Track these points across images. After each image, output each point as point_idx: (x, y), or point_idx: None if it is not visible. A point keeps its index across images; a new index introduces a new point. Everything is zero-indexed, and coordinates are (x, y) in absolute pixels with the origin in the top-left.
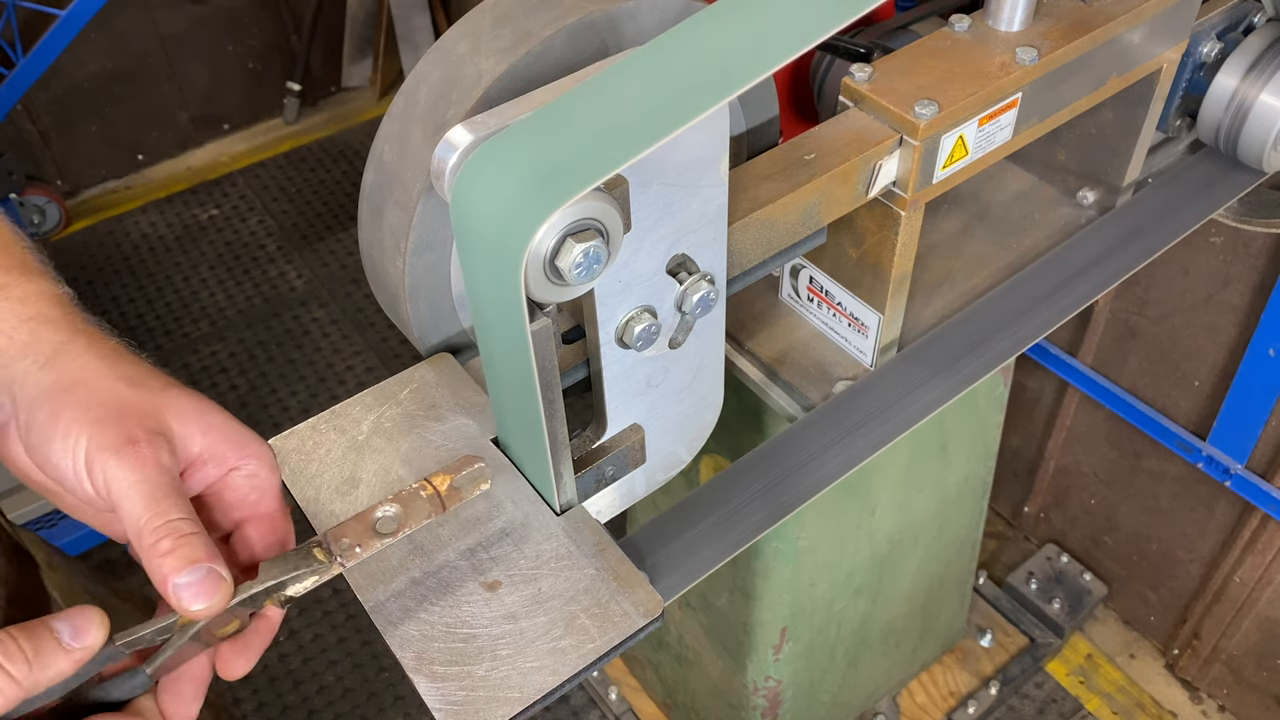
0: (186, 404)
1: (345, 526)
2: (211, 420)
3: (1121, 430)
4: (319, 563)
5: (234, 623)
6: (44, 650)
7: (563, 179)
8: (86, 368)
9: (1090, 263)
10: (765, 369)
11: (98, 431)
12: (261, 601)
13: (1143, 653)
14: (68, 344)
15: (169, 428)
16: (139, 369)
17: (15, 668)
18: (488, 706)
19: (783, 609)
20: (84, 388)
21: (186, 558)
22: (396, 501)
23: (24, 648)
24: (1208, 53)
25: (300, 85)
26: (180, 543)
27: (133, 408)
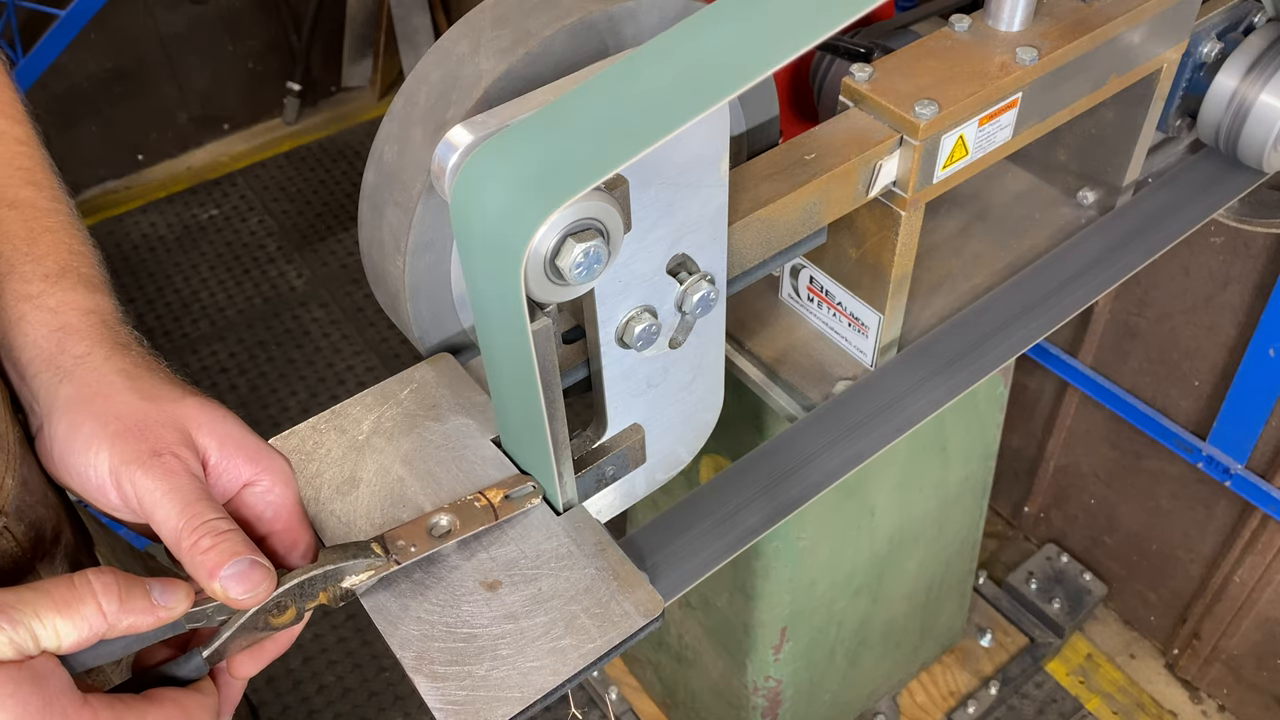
0: (203, 416)
1: (401, 529)
2: (228, 432)
3: (1121, 430)
4: (376, 556)
5: (290, 611)
6: (135, 599)
7: (563, 179)
8: (103, 380)
9: (1090, 263)
10: (765, 369)
11: (119, 445)
12: (317, 591)
13: (1143, 653)
14: (87, 356)
15: (189, 439)
16: (155, 381)
17: (107, 604)
18: (488, 706)
19: (783, 609)
20: (100, 401)
21: (228, 552)
22: (451, 511)
23: (120, 590)
24: (1208, 53)
25: (300, 85)
26: (220, 539)
27: (151, 420)
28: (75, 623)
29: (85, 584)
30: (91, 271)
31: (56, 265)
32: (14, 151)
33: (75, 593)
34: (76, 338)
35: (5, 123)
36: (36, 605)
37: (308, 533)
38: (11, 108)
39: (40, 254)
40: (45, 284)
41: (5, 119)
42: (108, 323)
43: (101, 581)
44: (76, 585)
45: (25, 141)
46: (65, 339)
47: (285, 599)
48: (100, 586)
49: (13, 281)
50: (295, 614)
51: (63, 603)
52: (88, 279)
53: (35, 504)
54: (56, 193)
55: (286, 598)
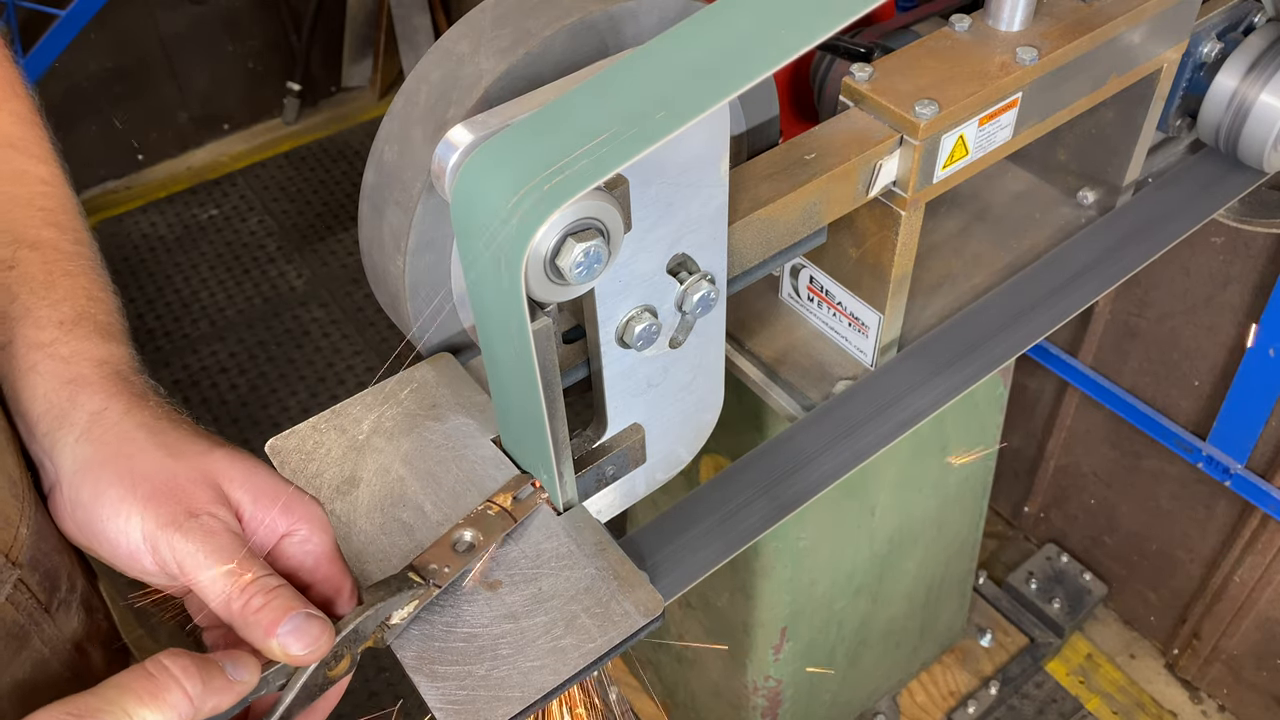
0: (233, 469)
1: (428, 554)
2: (259, 484)
3: (1121, 430)
4: (418, 584)
5: (345, 660)
6: (213, 678)
7: (563, 179)
8: (124, 437)
9: (1090, 263)
10: (765, 369)
11: (152, 508)
12: (369, 631)
13: (1143, 653)
14: (103, 412)
15: (222, 494)
16: (179, 435)
17: (191, 687)
18: (488, 706)
19: (783, 609)
20: (124, 461)
21: (281, 609)
22: (468, 525)
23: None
24: (1208, 53)
25: (300, 85)
26: (272, 595)
27: (181, 480)
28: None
29: (164, 671)
30: (109, 319)
31: (73, 311)
32: (37, 191)
33: (157, 682)
34: (90, 391)
35: (30, 162)
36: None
37: (348, 577)
38: (39, 147)
39: (57, 299)
40: (59, 331)
41: (31, 158)
42: (122, 374)
43: (180, 665)
44: (156, 674)
45: (50, 182)
46: (78, 392)
47: (341, 648)
48: (180, 671)
49: (26, 327)
50: (350, 662)
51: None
52: (104, 327)
53: (50, 552)
54: (80, 235)
55: (341, 646)
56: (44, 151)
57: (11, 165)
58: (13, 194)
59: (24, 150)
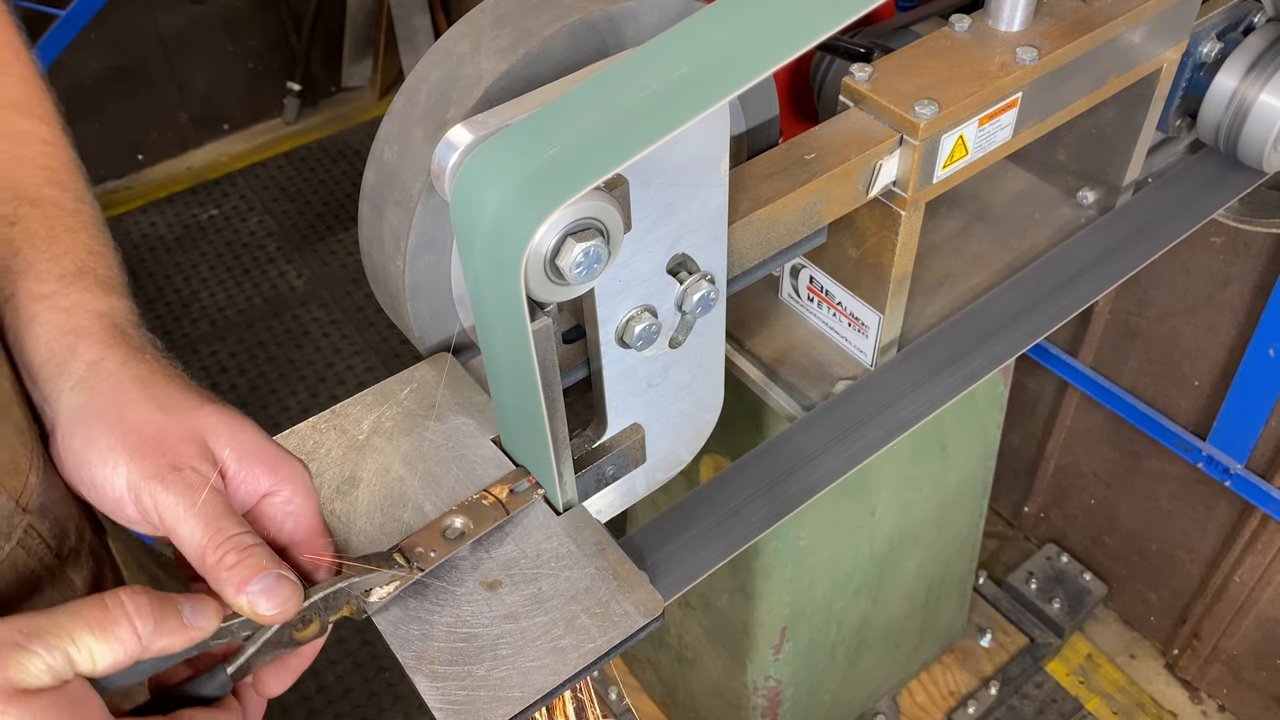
0: (220, 426)
1: (417, 536)
2: (245, 442)
3: (1121, 430)
4: (399, 566)
5: (314, 625)
6: (167, 619)
7: (563, 178)
8: (118, 388)
9: (1090, 263)
10: (765, 369)
11: (137, 459)
12: (341, 603)
13: (1143, 653)
14: (100, 362)
15: (207, 450)
16: (172, 389)
17: (142, 625)
18: (488, 706)
19: (783, 609)
20: (115, 411)
21: (254, 567)
22: (461, 512)
23: (154, 611)
24: (1208, 53)
25: (300, 85)
26: (244, 554)
27: (168, 433)
28: (110, 645)
29: (119, 605)
30: (109, 273)
31: (73, 265)
32: (40, 151)
33: (109, 614)
34: (89, 341)
35: (31, 122)
36: (71, 628)
37: (328, 544)
38: (40, 108)
39: (58, 253)
40: (60, 284)
41: (33, 119)
42: (120, 326)
43: (135, 602)
44: (110, 606)
45: (52, 142)
46: (77, 342)
47: (310, 613)
48: (134, 607)
49: (28, 280)
50: (319, 627)
51: (97, 625)
52: (104, 280)
53: (58, 501)
54: (81, 193)
55: (311, 612)
56: (47, 113)
57: (14, 125)
58: (15, 153)
59: (27, 111)
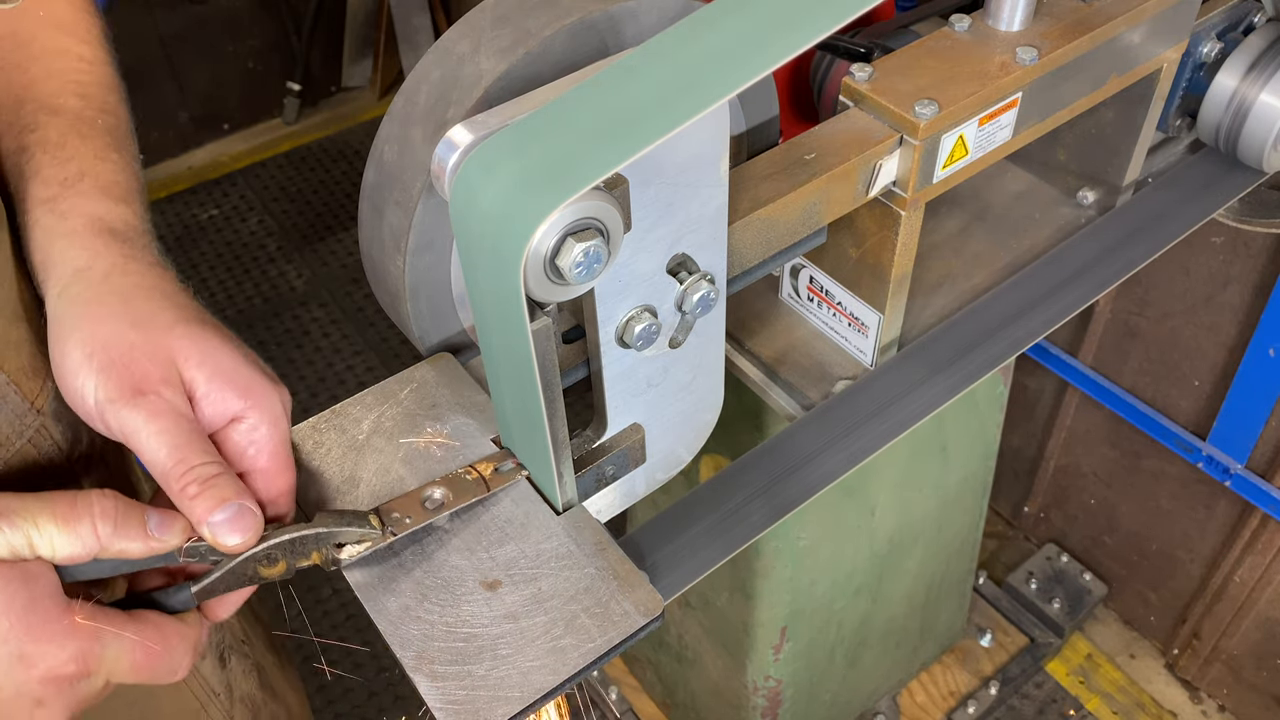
0: (192, 347)
1: (396, 502)
2: (217, 364)
3: (1121, 430)
4: (372, 527)
5: (281, 565)
6: (130, 526)
7: (563, 178)
8: (95, 300)
9: (1090, 263)
10: (765, 369)
11: (104, 380)
12: (309, 550)
13: (1143, 653)
14: (85, 271)
15: (175, 372)
16: (151, 305)
17: (102, 526)
18: (488, 706)
19: (783, 609)
20: (89, 325)
21: (216, 498)
22: (443, 484)
23: (116, 516)
24: (1208, 53)
25: (300, 85)
26: (207, 485)
27: (137, 352)
28: (70, 538)
29: (87, 504)
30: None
31: (77, 170)
32: (74, 67)
33: (75, 510)
34: (78, 247)
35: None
36: (37, 514)
37: (288, 475)
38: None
39: (65, 158)
40: (61, 188)
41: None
42: (117, 231)
43: (102, 505)
44: (77, 503)
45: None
46: (67, 248)
47: (276, 552)
48: (100, 509)
49: (34, 185)
50: (285, 568)
51: (61, 517)
52: (107, 185)
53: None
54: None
55: (278, 551)
56: (90, 34)
57: (56, 43)
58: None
59: (70, 32)
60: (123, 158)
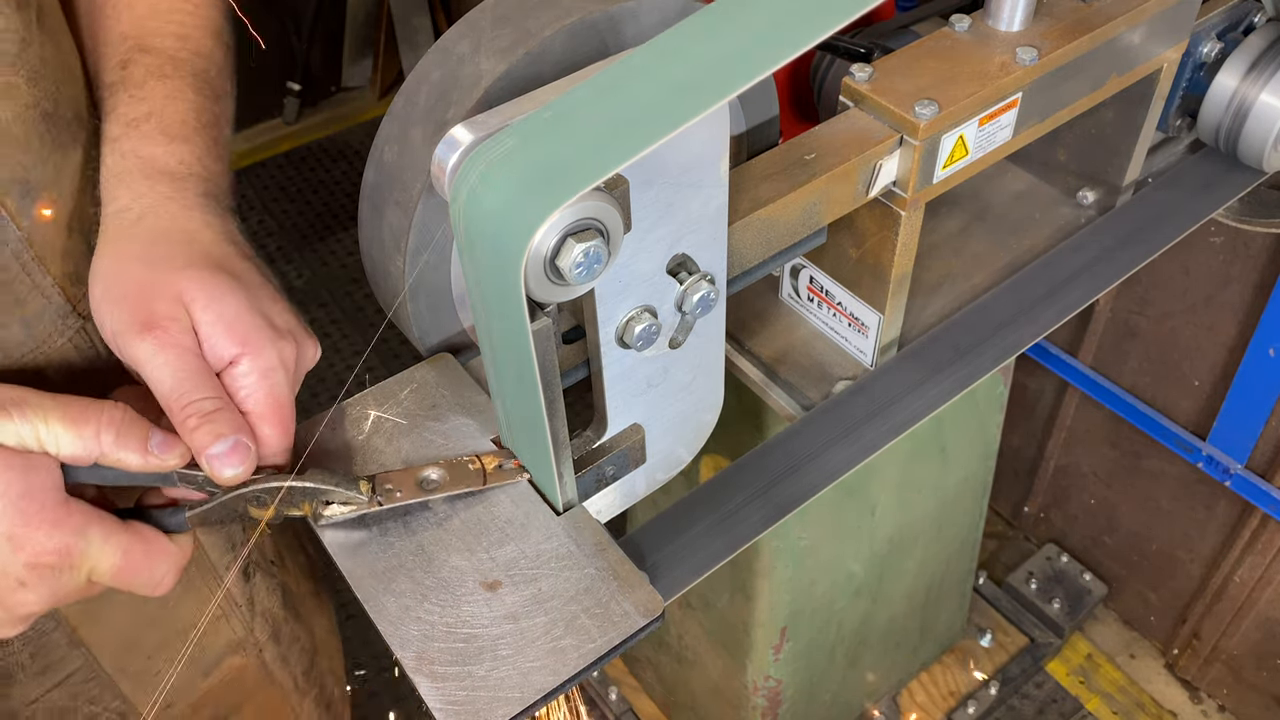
0: (199, 290)
1: (392, 475)
2: (220, 309)
3: (1121, 430)
4: (359, 494)
5: (270, 510)
6: (131, 439)
7: (563, 179)
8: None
9: (1090, 262)
10: (765, 369)
11: (116, 311)
12: (298, 501)
13: (1143, 653)
14: (123, 211)
15: (183, 311)
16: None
17: (104, 434)
18: (488, 706)
19: (783, 609)
20: (111, 262)
21: (213, 432)
22: (444, 467)
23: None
24: (1208, 53)
25: (300, 85)
26: (205, 420)
27: (146, 290)
28: (74, 438)
29: (95, 410)
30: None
31: (144, 110)
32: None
33: (85, 414)
34: (125, 187)
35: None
36: (49, 411)
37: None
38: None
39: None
40: (126, 128)
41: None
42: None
43: (110, 414)
44: (87, 409)
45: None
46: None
47: (267, 496)
48: (107, 419)
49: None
50: (275, 513)
51: (70, 418)
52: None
53: None
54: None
55: (267, 495)
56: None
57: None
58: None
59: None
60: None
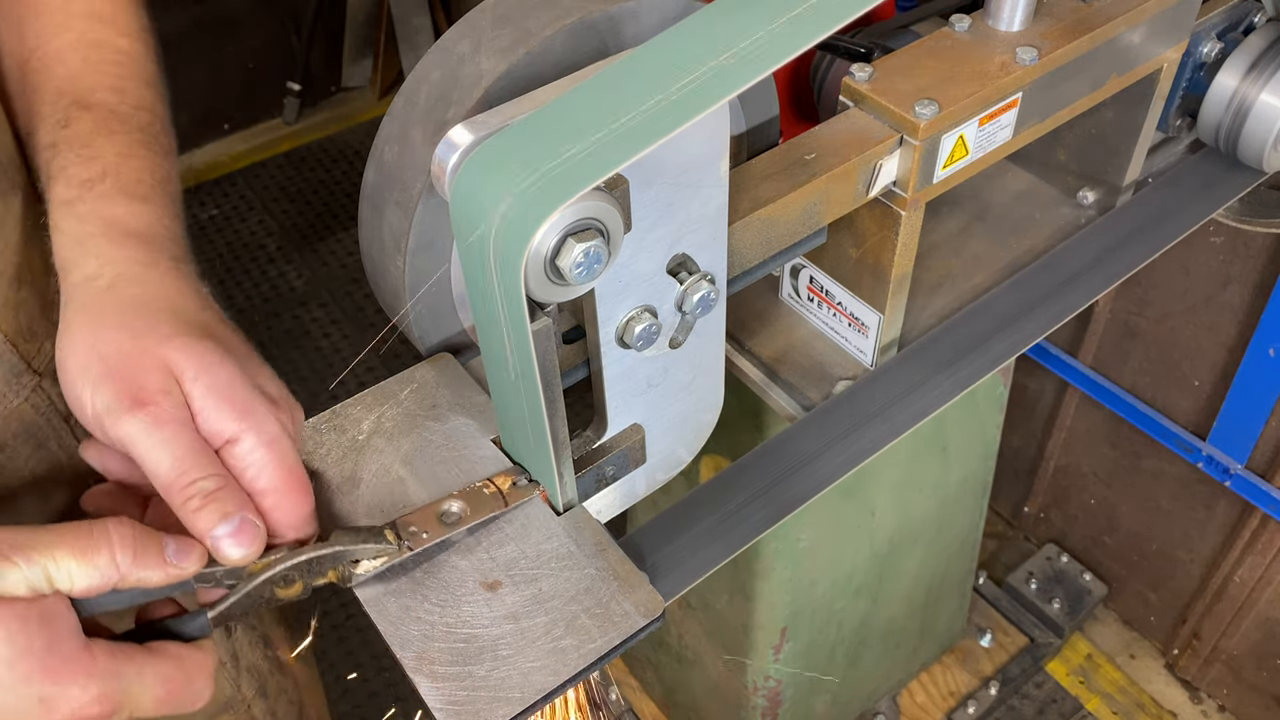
0: (189, 361)
1: (413, 516)
2: (213, 380)
3: (1121, 430)
4: (388, 543)
5: (297, 586)
6: (149, 554)
7: (563, 179)
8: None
9: (1090, 263)
10: (765, 369)
11: (103, 388)
12: (325, 569)
13: (1143, 653)
14: (94, 279)
15: (174, 384)
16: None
17: (121, 556)
18: (489, 707)
19: (783, 609)
20: (89, 334)
21: (219, 511)
22: (461, 498)
23: (135, 544)
24: (1208, 53)
25: (300, 85)
26: (210, 499)
27: (133, 364)
28: (88, 570)
29: (103, 532)
30: (139, 176)
31: (99, 169)
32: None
33: (92, 540)
34: (91, 255)
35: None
36: (53, 547)
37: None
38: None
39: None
40: (82, 189)
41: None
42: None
43: (120, 533)
44: (94, 533)
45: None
46: (82, 254)
47: (293, 573)
48: (118, 538)
49: (59, 184)
50: (302, 589)
51: (78, 549)
52: (130, 184)
53: None
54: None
55: (294, 572)
56: (129, 27)
57: (94, 35)
58: (86, 58)
59: (110, 23)
60: (152, 154)
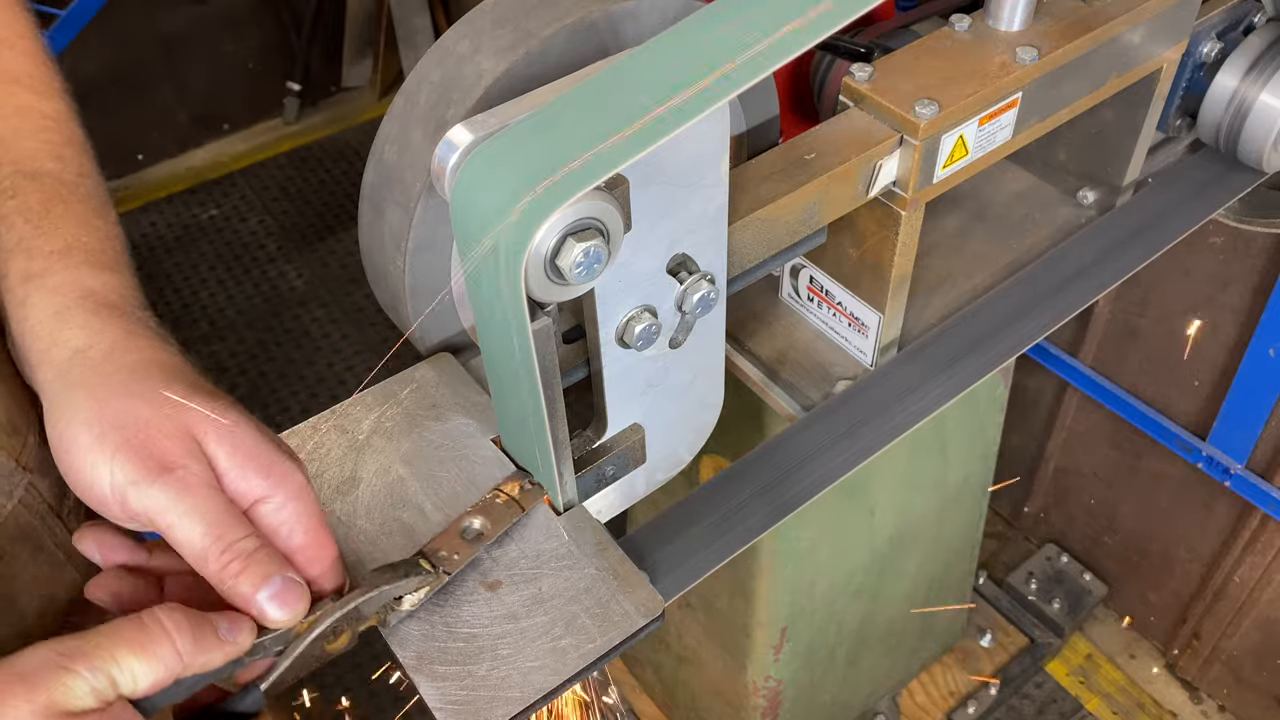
0: (208, 422)
1: (438, 540)
2: (237, 441)
3: (1121, 430)
4: (427, 572)
5: (345, 636)
6: (205, 636)
7: (563, 178)
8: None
9: (1090, 263)
10: (765, 369)
11: (124, 459)
12: (369, 612)
13: (1143, 653)
14: (85, 351)
15: (197, 447)
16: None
17: (182, 643)
18: (488, 706)
19: (783, 609)
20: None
21: (260, 574)
22: (478, 513)
23: (191, 629)
24: (1208, 53)
25: (300, 85)
26: (249, 561)
27: (155, 430)
28: (151, 665)
29: (157, 623)
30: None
31: (64, 241)
32: (41, 125)
33: (149, 633)
34: (74, 326)
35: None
36: (113, 649)
37: (330, 547)
38: (45, 84)
39: (50, 228)
40: (49, 261)
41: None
42: (112, 304)
43: (174, 620)
44: (149, 625)
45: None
46: (62, 327)
47: (341, 624)
48: (173, 625)
49: (19, 258)
50: (350, 638)
51: (138, 644)
52: (96, 256)
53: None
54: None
55: (343, 623)
56: (51, 89)
57: (18, 100)
58: (18, 127)
59: (31, 87)
60: (105, 223)
